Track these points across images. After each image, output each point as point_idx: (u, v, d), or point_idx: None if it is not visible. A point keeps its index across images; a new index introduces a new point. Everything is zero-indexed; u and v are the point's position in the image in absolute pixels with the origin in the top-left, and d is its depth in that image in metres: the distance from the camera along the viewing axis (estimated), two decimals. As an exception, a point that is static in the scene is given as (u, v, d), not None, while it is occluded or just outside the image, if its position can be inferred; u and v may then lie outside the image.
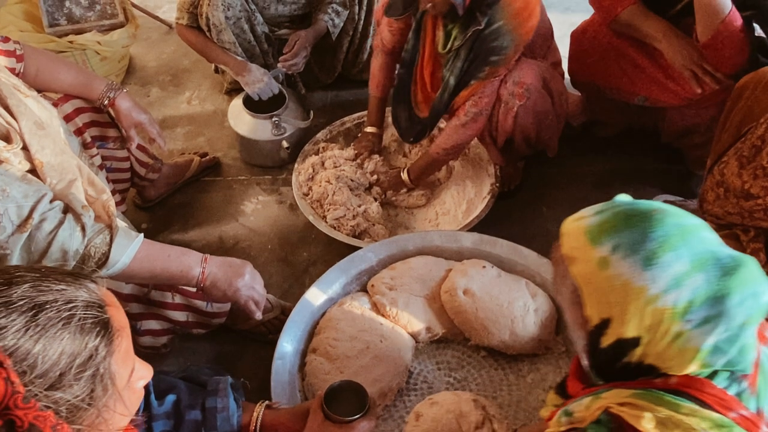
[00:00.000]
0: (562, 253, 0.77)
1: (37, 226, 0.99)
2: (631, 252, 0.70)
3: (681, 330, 0.68)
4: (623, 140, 2.08)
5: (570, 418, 0.80)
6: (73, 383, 0.65)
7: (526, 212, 1.94)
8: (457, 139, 1.72)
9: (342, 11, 2.11)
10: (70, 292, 0.67)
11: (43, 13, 2.23)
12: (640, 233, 0.70)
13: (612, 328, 0.72)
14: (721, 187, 1.31)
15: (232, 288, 1.23)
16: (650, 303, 0.68)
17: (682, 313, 0.68)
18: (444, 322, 1.51)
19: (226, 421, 1.10)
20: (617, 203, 0.78)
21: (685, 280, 0.68)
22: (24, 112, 1.08)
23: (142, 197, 1.93)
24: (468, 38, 1.54)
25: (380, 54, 1.86)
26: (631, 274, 0.69)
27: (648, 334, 0.70)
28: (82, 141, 1.46)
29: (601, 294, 0.72)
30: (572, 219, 0.80)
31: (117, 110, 1.50)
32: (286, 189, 2.03)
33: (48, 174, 1.08)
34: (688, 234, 0.70)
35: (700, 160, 1.86)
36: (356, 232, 1.79)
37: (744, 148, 1.25)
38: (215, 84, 2.43)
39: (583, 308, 0.75)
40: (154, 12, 2.73)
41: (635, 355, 0.72)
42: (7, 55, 1.30)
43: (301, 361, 1.45)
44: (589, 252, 0.73)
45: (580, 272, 0.74)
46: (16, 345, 0.61)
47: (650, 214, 0.72)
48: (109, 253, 1.05)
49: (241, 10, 1.96)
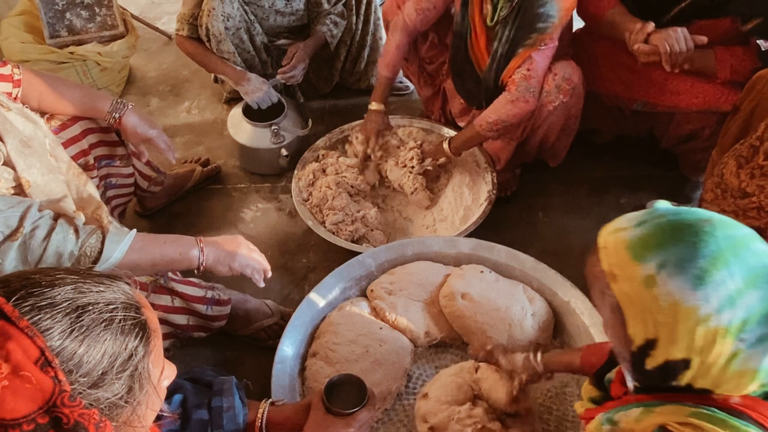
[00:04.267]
0: (601, 268, 0.72)
1: (30, 234, 1.00)
2: (680, 270, 0.65)
3: (736, 350, 0.65)
4: (617, 147, 2.11)
5: (614, 427, 0.76)
6: (114, 382, 0.67)
7: (522, 218, 1.97)
8: (503, 114, 1.68)
9: (340, 22, 2.15)
10: (109, 294, 0.70)
11: (44, 24, 2.26)
12: (689, 249, 0.66)
13: (659, 349, 0.68)
14: (719, 188, 1.34)
15: (236, 260, 1.25)
16: (702, 323, 0.64)
17: (736, 332, 0.64)
18: (442, 327, 1.52)
19: (232, 420, 1.12)
20: (660, 212, 0.72)
21: (740, 299, 0.64)
22: (10, 130, 1.08)
23: (143, 206, 1.95)
24: (514, 5, 1.56)
25: (399, 32, 1.82)
26: (681, 294, 0.65)
27: (699, 356, 0.66)
28: (84, 162, 1.45)
29: (647, 314, 0.68)
30: (610, 231, 0.74)
31: (124, 129, 1.49)
32: (285, 197, 2.05)
33: (34, 194, 1.09)
34: (740, 248, 0.66)
35: (697, 165, 1.89)
36: (354, 237, 1.80)
37: (742, 149, 1.28)
38: (214, 93, 2.46)
39: (626, 327, 0.70)
40: (154, 23, 2.76)
41: (686, 377, 0.68)
42: (3, 80, 1.29)
43: (301, 365, 1.46)
44: (632, 269, 0.68)
45: (623, 290, 0.70)
46: (62, 345, 0.63)
47: (698, 227, 0.67)
48: (102, 249, 1.07)
49: (241, 21, 1.99)
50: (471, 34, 1.72)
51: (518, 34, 1.60)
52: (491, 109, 1.71)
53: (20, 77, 1.32)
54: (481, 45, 1.72)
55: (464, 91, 1.88)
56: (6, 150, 1.08)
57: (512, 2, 1.57)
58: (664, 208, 0.73)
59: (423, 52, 1.91)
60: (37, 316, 0.63)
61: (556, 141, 1.80)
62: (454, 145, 1.84)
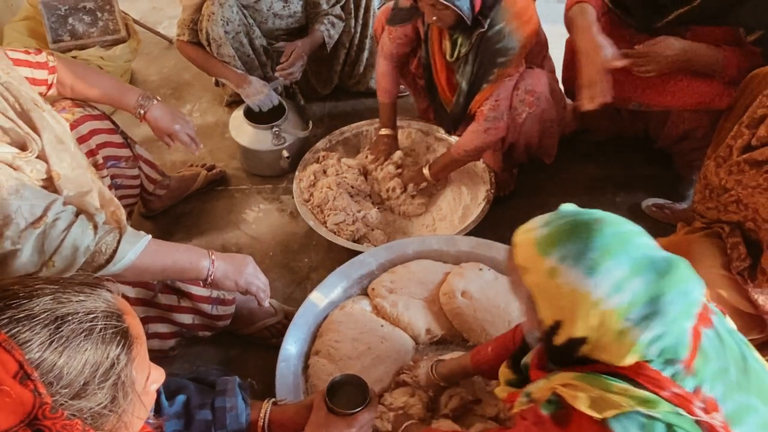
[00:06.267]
0: (515, 263, 0.84)
1: (52, 224, 1.03)
2: (575, 262, 0.76)
3: (623, 328, 0.75)
4: (614, 147, 2.14)
5: (529, 399, 0.89)
6: (96, 392, 0.67)
7: (520, 217, 1.93)
8: (478, 143, 1.75)
9: (337, 23, 2.17)
10: (89, 303, 0.69)
11: (47, 29, 2.29)
12: (582, 244, 0.77)
13: (563, 329, 0.79)
14: (707, 189, 1.37)
15: (242, 277, 1.28)
16: (595, 306, 0.75)
17: (623, 313, 0.75)
18: (443, 324, 1.55)
19: (235, 420, 1.12)
20: (562, 214, 0.84)
21: (625, 284, 0.75)
22: (46, 126, 1.13)
23: (147, 208, 1.97)
24: (473, 42, 1.59)
25: (382, 59, 1.90)
26: (577, 282, 0.76)
27: (595, 333, 0.77)
28: (94, 162, 1.50)
29: (552, 300, 0.79)
30: (523, 230, 0.86)
31: (149, 121, 1.55)
32: (286, 197, 2.08)
33: (64, 185, 1.12)
34: (626, 241, 0.77)
35: (691, 164, 1.91)
36: (355, 237, 1.83)
37: (720, 149, 1.31)
38: (215, 97, 2.48)
39: (537, 312, 0.82)
40: (155, 28, 2.78)
41: (583, 351, 0.80)
42: (39, 67, 1.34)
43: (304, 363, 1.49)
44: (539, 262, 0.79)
45: (533, 281, 0.81)
46: (41, 357, 0.63)
47: (590, 225, 0.79)
48: (117, 249, 1.10)
49: (240, 25, 2.02)
50: (433, 68, 1.77)
51: (480, 70, 1.64)
52: (466, 138, 1.77)
53: (55, 64, 1.37)
54: (442, 79, 1.78)
55: (437, 114, 1.95)
56: (42, 144, 1.11)
57: (471, 39, 1.60)
58: (567, 210, 0.85)
59: (413, 68, 1.96)
60: (15, 328, 0.62)
61: (540, 144, 1.83)
62: (434, 171, 1.89)
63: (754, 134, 1.22)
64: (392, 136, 2.00)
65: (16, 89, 1.12)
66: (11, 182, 1.01)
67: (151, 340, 1.43)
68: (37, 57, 1.35)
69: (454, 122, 1.83)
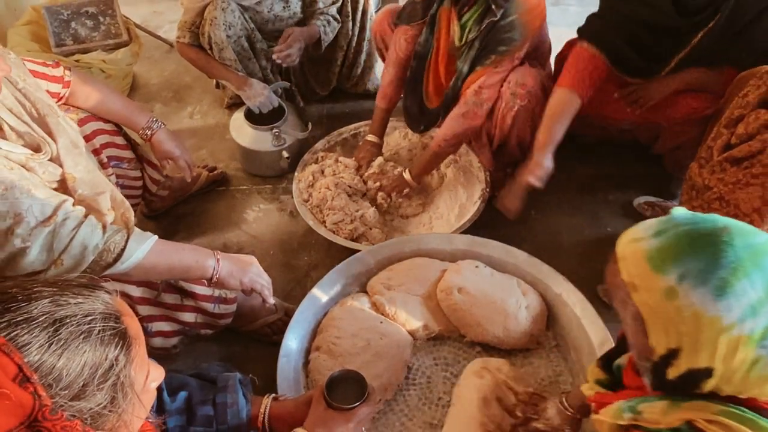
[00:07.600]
0: (621, 279, 0.72)
1: (61, 223, 1.07)
2: (701, 281, 0.65)
3: (757, 357, 0.65)
4: (605, 147, 2.17)
5: (637, 416, 0.77)
6: (95, 392, 0.67)
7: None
8: (456, 128, 1.75)
9: (333, 23, 2.19)
10: (87, 305, 0.70)
11: (50, 33, 2.32)
12: (709, 260, 0.66)
13: (681, 358, 0.68)
14: (693, 189, 1.42)
15: (247, 276, 1.32)
16: (724, 332, 0.65)
17: (758, 339, 0.65)
18: (440, 320, 1.57)
19: (235, 416, 1.15)
20: (677, 221, 0.71)
21: (761, 308, 0.64)
22: (62, 131, 1.16)
23: (149, 208, 2.00)
24: (483, 29, 1.62)
25: (392, 67, 1.90)
26: (703, 305, 0.65)
27: (722, 365, 0.66)
28: (99, 161, 1.53)
29: (669, 324, 0.68)
30: (628, 240, 0.73)
31: (153, 143, 1.63)
32: (286, 197, 2.11)
33: (79, 186, 1.15)
34: (759, 256, 0.66)
35: (681, 163, 1.94)
36: (354, 236, 1.86)
37: (701, 150, 1.35)
38: (216, 99, 2.52)
39: (648, 337, 0.71)
40: (156, 32, 2.82)
41: (708, 385, 0.69)
42: (54, 80, 1.38)
43: (305, 359, 1.51)
44: (652, 280, 0.68)
45: (644, 301, 0.70)
46: (40, 360, 0.64)
47: (717, 236, 0.67)
48: (125, 248, 1.13)
49: (242, 29, 2.05)
50: (431, 55, 1.78)
51: (480, 54, 1.67)
52: (444, 126, 1.79)
53: (70, 79, 1.42)
54: (441, 66, 1.78)
55: (408, 114, 1.95)
56: (57, 148, 1.15)
57: (481, 26, 1.62)
58: (680, 216, 0.73)
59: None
60: (14, 332, 0.63)
61: (533, 140, 1.86)
62: (415, 172, 1.90)
63: (732, 133, 1.26)
64: (377, 144, 2.03)
65: (34, 95, 1.15)
66: (23, 182, 1.04)
67: (155, 338, 1.45)
68: (54, 71, 1.38)
69: (444, 109, 1.81)
